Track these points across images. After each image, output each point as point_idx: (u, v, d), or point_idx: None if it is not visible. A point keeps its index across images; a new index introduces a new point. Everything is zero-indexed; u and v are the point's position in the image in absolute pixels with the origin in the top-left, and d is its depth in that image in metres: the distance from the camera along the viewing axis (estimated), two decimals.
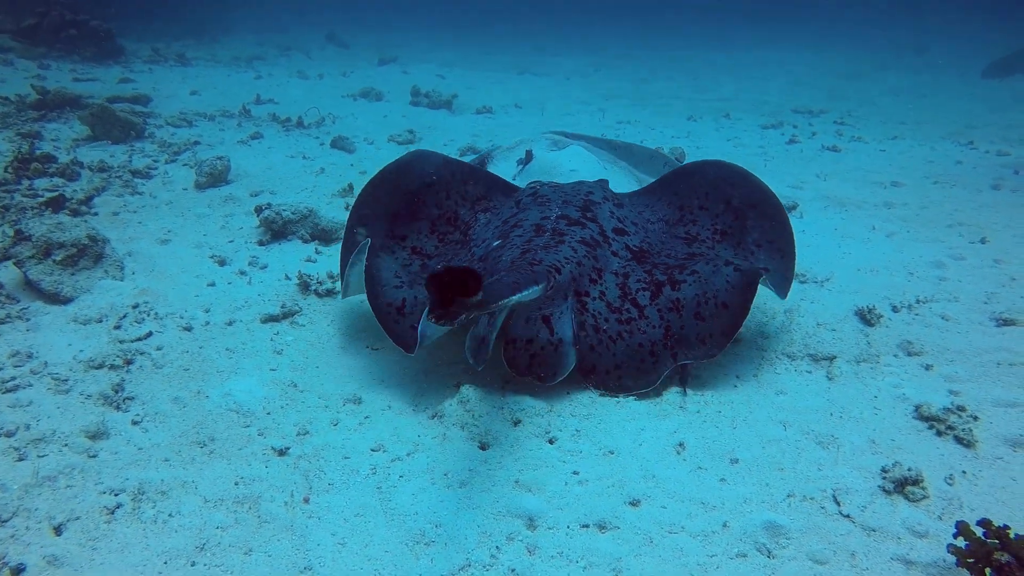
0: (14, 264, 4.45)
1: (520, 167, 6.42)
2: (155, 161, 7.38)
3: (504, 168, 6.39)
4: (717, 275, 3.72)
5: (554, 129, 8.52)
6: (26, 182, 6.30)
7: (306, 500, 2.90)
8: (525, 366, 3.57)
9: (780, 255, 4.07)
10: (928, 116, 12.25)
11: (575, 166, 6.07)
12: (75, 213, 5.72)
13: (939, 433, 3.38)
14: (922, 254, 5.54)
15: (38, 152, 6.80)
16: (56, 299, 4.39)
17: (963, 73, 17.82)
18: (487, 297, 2.62)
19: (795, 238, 4.20)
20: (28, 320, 4.19)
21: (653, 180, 5.08)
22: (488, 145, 8.80)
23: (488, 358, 3.56)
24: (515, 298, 2.96)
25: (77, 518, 2.75)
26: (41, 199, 5.76)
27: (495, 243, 4.07)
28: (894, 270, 5.22)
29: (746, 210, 4.23)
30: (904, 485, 2.99)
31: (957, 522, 2.51)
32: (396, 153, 8.68)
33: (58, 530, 2.69)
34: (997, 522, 2.47)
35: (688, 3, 39.90)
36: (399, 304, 3.72)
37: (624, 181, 6.13)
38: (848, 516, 2.87)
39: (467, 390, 3.62)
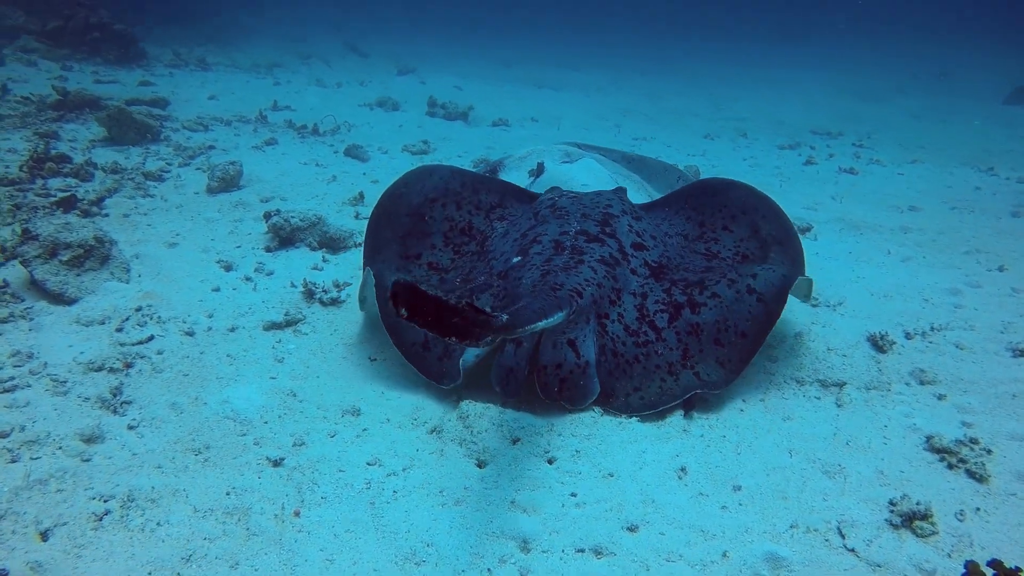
0: (20, 263, 4.45)
1: (532, 179, 6.37)
2: (169, 164, 7.41)
3: (515, 177, 6.34)
4: (740, 303, 3.73)
5: (568, 141, 8.48)
6: (40, 181, 6.34)
7: (296, 514, 2.85)
8: (556, 391, 3.54)
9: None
10: (948, 141, 12.11)
11: (587, 180, 6.01)
12: (86, 214, 5.74)
13: (950, 466, 3.28)
14: (938, 280, 5.44)
15: (53, 152, 6.84)
16: (60, 299, 4.38)
17: (984, 99, 17.65)
18: (514, 322, 2.64)
19: (807, 262, 4.17)
20: (31, 320, 4.18)
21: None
22: (500, 154, 8.77)
23: (520, 389, 3.55)
24: (541, 324, 2.98)
25: (64, 524, 2.71)
26: (53, 199, 5.78)
27: (515, 259, 4.06)
28: (908, 296, 5.12)
29: (772, 244, 4.23)
30: (912, 519, 2.89)
31: (966, 561, 2.42)
32: (409, 162, 8.69)
33: (44, 535, 2.65)
34: (1009, 563, 2.38)
35: (707, 22, 39.93)
36: (422, 341, 3.77)
37: (636, 196, 6.06)
38: (853, 550, 2.78)
39: (467, 405, 3.57)
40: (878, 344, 4.28)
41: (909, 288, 5.26)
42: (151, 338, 4.10)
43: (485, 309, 2.43)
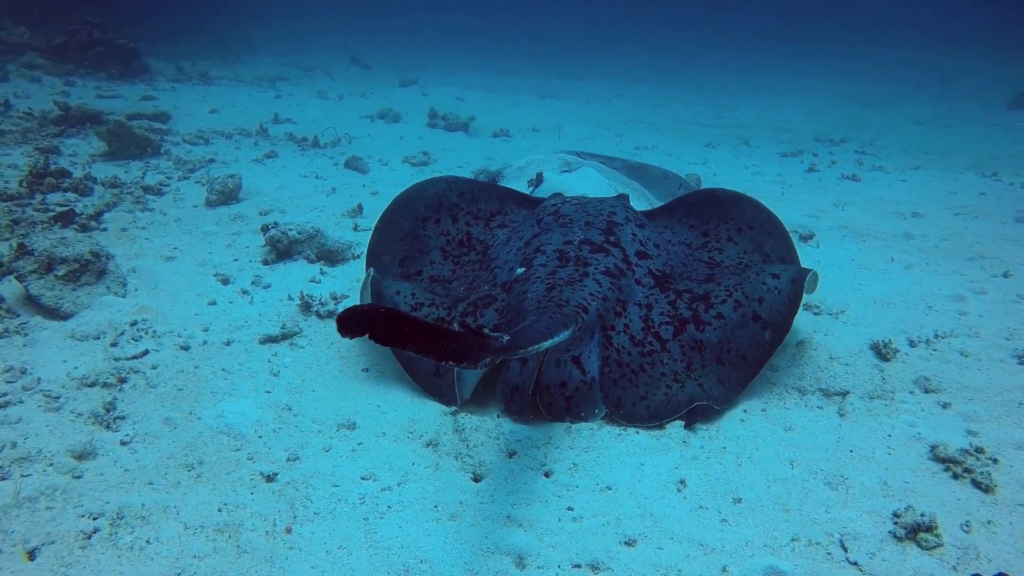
0: (16, 278, 4.43)
1: (531, 189, 6.35)
2: (168, 178, 7.41)
3: (515, 187, 6.32)
4: (744, 328, 3.72)
5: (568, 150, 8.47)
6: (39, 196, 6.34)
7: (288, 530, 2.80)
8: (563, 409, 3.50)
9: None
10: (952, 146, 12.05)
11: (586, 189, 5.98)
12: (84, 228, 5.73)
13: (956, 476, 3.22)
14: (942, 287, 5.38)
15: (53, 167, 6.85)
16: (56, 314, 4.36)
17: (988, 104, 17.58)
18: (516, 343, 2.60)
19: None
20: (26, 335, 4.15)
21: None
22: (500, 165, 8.75)
23: (527, 408, 3.52)
24: (546, 344, 2.94)
25: (52, 542, 2.66)
26: (51, 213, 5.77)
27: (519, 270, 4.04)
28: (912, 303, 5.06)
29: (775, 261, 4.32)
30: (917, 531, 2.83)
31: (972, 575, 2.36)
32: (410, 174, 8.68)
33: (32, 555, 2.61)
34: None
35: (711, 30, 40.00)
36: (434, 369, 3.77)
37: (637, 204, 6.03)
38: (855, 564, 2.71)
39: (464, 418, 3.53)
40: (881, 352, 4.21)
41: (913, 295, 5.20)
42: (146, 352, 4.07)
43: (483, 330, 2.39)
